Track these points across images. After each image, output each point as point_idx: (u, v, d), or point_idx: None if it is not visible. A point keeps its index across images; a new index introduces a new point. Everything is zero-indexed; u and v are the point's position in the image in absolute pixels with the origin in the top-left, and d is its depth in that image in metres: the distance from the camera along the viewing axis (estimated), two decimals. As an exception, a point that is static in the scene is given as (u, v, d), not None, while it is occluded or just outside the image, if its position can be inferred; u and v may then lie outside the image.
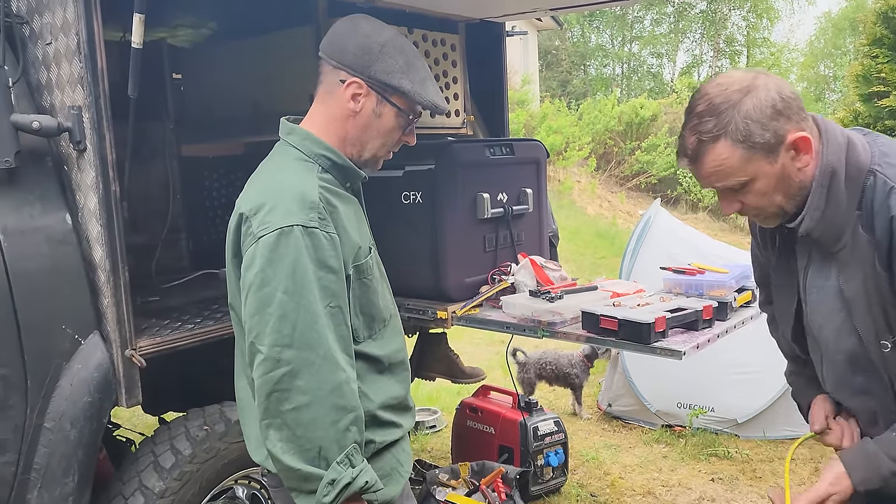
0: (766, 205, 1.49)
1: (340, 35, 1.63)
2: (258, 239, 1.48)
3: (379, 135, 1.65)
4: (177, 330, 2.23)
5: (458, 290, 2.61)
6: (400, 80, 1.61)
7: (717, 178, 1.47)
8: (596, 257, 9.82)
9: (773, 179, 1.45)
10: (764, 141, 1.42)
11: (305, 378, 1.45)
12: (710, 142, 1.44)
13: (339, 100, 1.62)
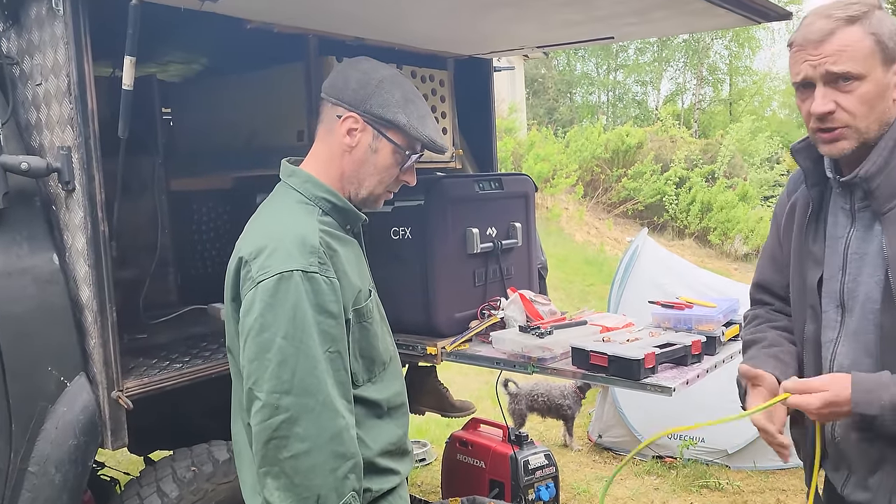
0: (862, 114, 1.48)
1: (338, 74, 1.65)
2: (257, 284, 1.47)
3: (375, 171, 1.64)
4: (164, 370, 2.20)
5: (447, 325, 2.61)
6: (395, 113, 1.60)
7: (836, 60, 1.46)
8: (584, 284, 9.83)
9: (879, 89, 1.48)
10: (889, 47, 1.47)
11: (304, 425, 1.43)
12: (846, 24, 1.47)
13: (336, 136, 1.62)
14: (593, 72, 30.59)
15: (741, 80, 30.38)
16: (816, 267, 1.65)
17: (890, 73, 1.49)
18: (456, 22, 2.57)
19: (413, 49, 2.94)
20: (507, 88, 15.61)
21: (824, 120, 1.50)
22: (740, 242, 13.74)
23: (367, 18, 2.44)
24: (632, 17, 2.48)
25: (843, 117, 1.49)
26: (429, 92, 3.02)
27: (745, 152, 17.30)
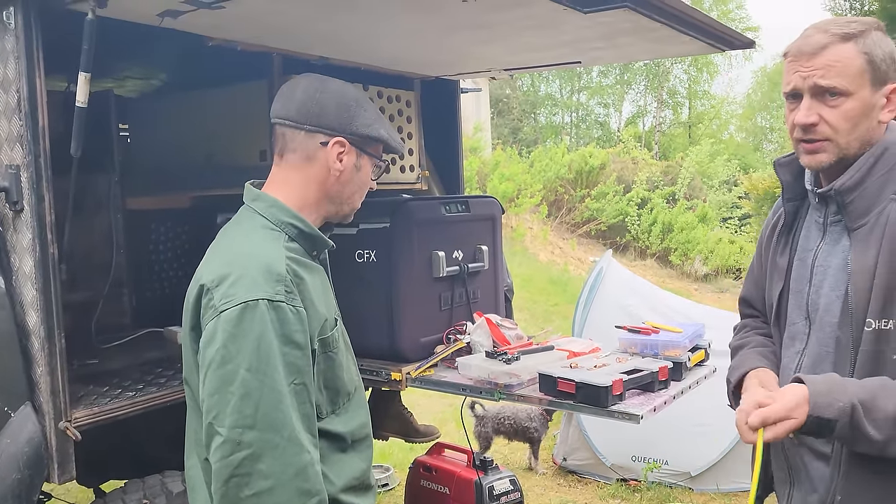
0: (844, 130, 1.50)
1: (310, 100, 1.57)
2: (220, 313, 1.41)
3: (359, 187, 1.65)
4: (116, 398, 2.11)
5: (412, 350, 2.56)
6: (378, 130, 1.61)
7: (825, 75, 1.49)
8: (549, 304, 9.86)
9: (863, 108, 1.50)
10: (880, 69, 1.50)
11: (268, 461, 1.37)
12: (841, 40, 1.49)
13: (319, 162, 1.58)
14: (557, 93, 31.02)
15: (700, 104, 31.11)
16: (780, 280, 1.69)
17: (879, 94, 1.51)
18: (423, 43, 2.55)
19: (379, 69, 2.91)
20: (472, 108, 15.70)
21: (807, 131, 1.53)
22: (700, 263, 13.95)
23: (333, 38, 2.40)
24: (599, 42, 2.48)
25: (825, 130, 1.51)
26: (395, 112, 2.99)
27: (705, 174, 17.65)
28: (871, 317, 1.46)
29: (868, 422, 1.40)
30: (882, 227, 1.48)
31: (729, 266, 13.67)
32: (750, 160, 24.68)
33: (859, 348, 1.49)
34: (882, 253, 1.47)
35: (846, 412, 1.41)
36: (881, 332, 1.46)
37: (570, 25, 2.20)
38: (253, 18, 2.11)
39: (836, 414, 1.41)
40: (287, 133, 1.59)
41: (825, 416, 1.41)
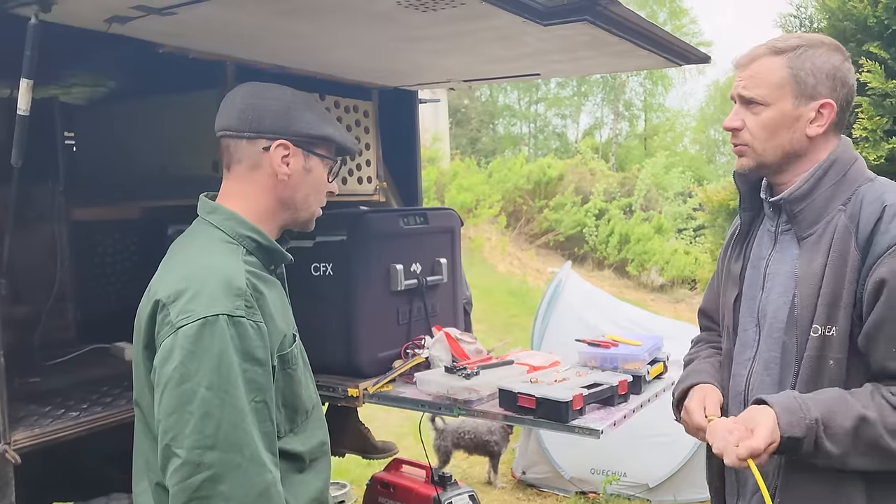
0: (761, 137, 1.58)
1: (247, 107, 1.54)
2: (178, 329, 1.34)
3: (313, 190, 1.60)
4: (59, 419, 2.02)
5: (370, 365, 2.51)
6: (322, 128, 1.57)
7: (748, 85, 1.58)
8: (507, 316, 9.87)
9: (782, 119, 1.57)
10: (807, 83, 1.55)
11: (230, 483, 1.31)
12: (771, 54, 1.57)
13: (265, 169, 1.53)
14: (515, 104, 31.28)
15: (655, 117, 31.70)
16: (734, 287, 1.73)
17: (806, 108, 1.56)
18: (381, 53, 2.51)
19: (337, 79, 2.87)
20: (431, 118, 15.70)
21: (733, 135, 1.63)
22: (656, 273, 14.15)
23: (289, 46, 2.35)
24: (558, 55, 2.48)
25: (745, 136, 1.61)
26: (352, 123, 2.94)
27: (660, 186, 17.93)
28: (817, 323, 1.51)
29: (826, 437, 1.43)
30: (830, 236, 1.53)
31: (684, 276, 13.89)
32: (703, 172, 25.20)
33: (804, 353, 1.53)
34: (829, 261, 1.51)
35: (812, 429, 1.43)
36: (826, 337, 1.50)
37: (530, 38, 2.19)
38: (206, 26, 2.05)
39: (805, 431, 1.44)
40: (231, 144, 1.55)
41: (796, 434, 1.44)
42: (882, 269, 1.45)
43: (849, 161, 1.59)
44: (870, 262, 1.47)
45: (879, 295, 1.45)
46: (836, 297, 1.49)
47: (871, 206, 1.51)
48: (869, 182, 1.57)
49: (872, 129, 3.24)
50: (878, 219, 1.48)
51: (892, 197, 1.51)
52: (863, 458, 1.44)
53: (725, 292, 1.77)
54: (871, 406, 1.44)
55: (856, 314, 1.49)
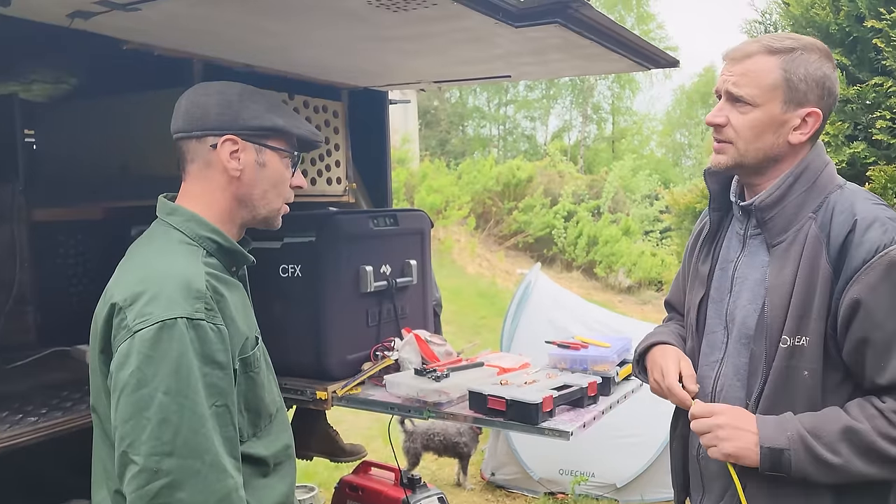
0: (746, 137, 1.55)
1: (192, 106, 1.52)
2: (134, 333, 1.31)
3: (271, 186, 1.55)
4: (17, 424, 1.95)
5: (339, 367, 2.48)
6: (271, 119, 1.52)
7: (738, 82, 1.54)
8: (477, 317, 9.88)
9: (769, 122, 1.54)
10: (797, 89, 1.52)
11: (189, 489, 1.28)
12: (766, 53, 1.53)
13: (216, 167, 1.50)
14: (485, 106, 31.34)
15: (623, 120, 32.01)
16: (700, 287, 1.73)
17: (793, 114, 1.54)
18: (351, 53, 2.49)
19: (306, 78, 2.84)
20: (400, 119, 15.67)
21: (716, 130, 1.60)
22: (623, 275, 14.28)
23: (257, 45, 2.32)
24: (529, 57, 2.48)
25: (729, 133, 1.58)
26: (322, 123, 2.91)
27: (627, 189, 18.11)
28: (787, 334, 1.50)
29: (821, 445, 1.44)
30: (800, 244, 1.52)
31: (651, 278, 14.04)
32: (670, 175, 25.50)
33: (773, 363, 1.52)
34: (800, 271, 1.50)
35: (795, 440, 1.45)
36: (795, 348, 1.50)
37: (502, 39, 2.19)
38: (171, 22, 2.01)
39: (787, 442, 1.45)
40: (182, 145, 1.52)
41: (777, 445, 1.45)
42: (857, 286, 1.45)
43: (819, 167, 1.58)
44: (845, 276, 1.46)
45: (856, 313, 1.45)
46: (806, 308, 1.49)
47: (841, 217, 1.50)
48: (839, 189, 1.57)
49: (834, 135, 3.31)
50: (849, 231, 1.47)
51: (862, 208, 1.50)
52: (866, 465, 1.43)
53: (692, 291, 1.77)
54: (861, 416, 1.44)
55: (829, 326, 1.49)
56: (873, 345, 1.44)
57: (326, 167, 2.94)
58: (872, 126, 3.23)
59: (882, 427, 1.42)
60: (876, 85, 3.21)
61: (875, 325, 1.43)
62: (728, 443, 1.51)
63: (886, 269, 1.43)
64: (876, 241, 1.44)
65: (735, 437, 1.51)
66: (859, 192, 1.57)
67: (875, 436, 1.42)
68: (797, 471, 1.46)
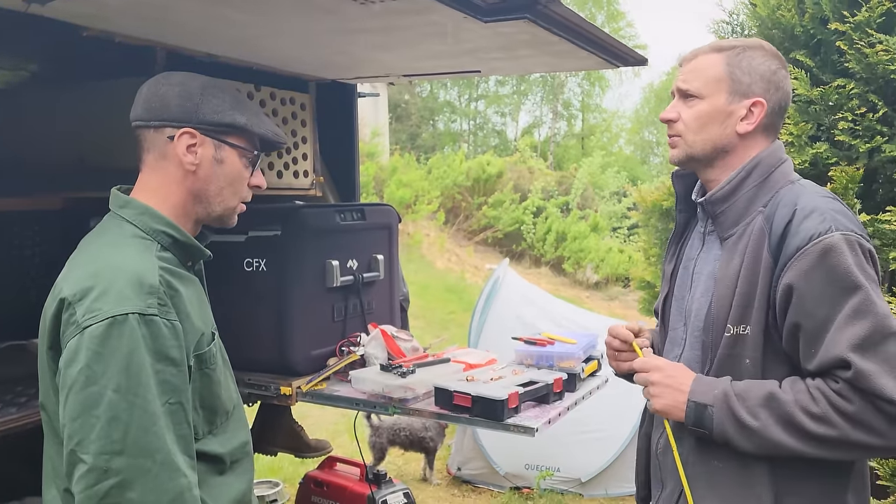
0: (692, 128, 1.63)
1: (153, 95, 1.49)
2: (83, 329, 1.28)
3: (227, 183, 1.52)
4: (-32, 420, 1.90)
5: (303, 363, 2.46)
6: (233, 115, 1.49)
7: (687, 78, 1.64)
8: (445, 312, 9.88)
9: (714, 113, 1.61)
10: (742, 81, 1.60)
11: (139, 489, 1.26)
12: (712, 51, 1.63)
13: (172, 159, 1.47)
14: (456, 100, 31.31)
15: (592, 117, 32.22)
16: (665, 286, 1.79)
17: (738, 105, 1.61)
18: (318, 45, 2.45)
19: (273, 70, 2.79)
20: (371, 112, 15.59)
21: (668, 126, 1.67)
22: (591, 271, 14.40)
23: (222, 34, 2.27)
24: (498, 53, 2.47)
25: (679, 127, 1.65)
26: (289, 115, 2.87)
27: (596, 185, 18.25)
28: (731, 323, 1.55)
29: (741, 406, 1.48)
30: (748, 237, 1.57)
31: (618, 274, 14.17)
32: (637, 172, 25.75)
33: (717, 351, 1.57)
34: (744, 262, 1.55)
35: (720, 398, 1.50)
36: (738, 336, 1.55)
37: (471, 34, 2.17)
38: (133, 10, 1.96)
39: (712, 399, 1.51)
40: (140, 134, 1.49)
41: (702, 400, 1.52)
42: (790, 272, 1.49)
43: (774, 164, 1.63)
44: (781, 263, 1.51)
45: (790, 299, 1.49)
46: (749, 298, 1.53)
47: (784, 209, 1.54)
48: (790, 184, 1.61)
49: (798, 135, 3.36)
50: (788, 221, 1.51)
51: (805, 200, 1.54)
52: (782, 434, 1.46)
53: (661, 292, 1.82)
54: (788, 389, 1.49)
55: (771, 315, 1.53)
56: (804, 332, 1.48)
57: (293, 160, 2.90)
58: (835, 127, 3.28)
59: (803, 401, 1.46)
60: (839, 87, 3.26)
61: (805, 312, 1.47)
62: (659, 399, 1.59)
63: (819, 256, 1.46)
64: (812, 229, 1.48)
65: (666, 394, 1.58)
66: (809, 187, 1.61)
67: (794, 407, 1.45)
68: (718, 429, 1.51)
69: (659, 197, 4.60)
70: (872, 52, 3.11)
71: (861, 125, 3.20)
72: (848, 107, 3.24)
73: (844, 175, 3.11)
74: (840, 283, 1.45)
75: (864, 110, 3.19)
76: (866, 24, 3.17)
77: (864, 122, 3.19)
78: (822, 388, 1.45)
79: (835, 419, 1.43)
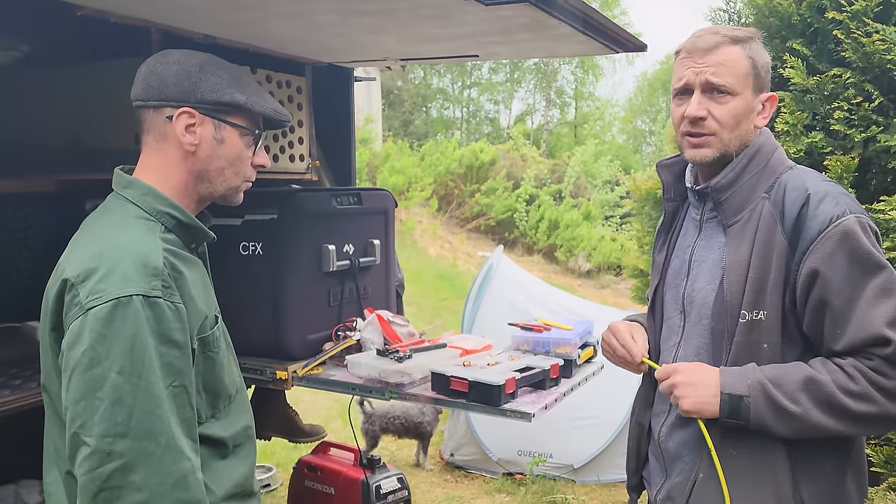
0: (729, 126, 1.58)
1: (151, 74, 1.46)
2: (87, 311, 1.27)
3: (229, 163, 1.49)
4: (-38, 402, 1.89)
5: (299, 347, 2.45)
6: (232, 94, 1.46)
7: (716, 72, 1.57)
8: (437, 299, 9.88)
9: (746, 109, 1.59)
10: (761, 76, 1.60)
11: (142, 472, 1.25)
12: (731, 42, 1.58)
13: (171, 139, 1.45)
14: (449, 87, 31.21)
15: (585, 105, 32.19)
16: (656, 275, 1.78)
17: (757, 100, 1.61)
18: (315, 27, 2.43)
19: (269, 52, 2.77)
20: (364, 99, 15.52)
21: (695, 124, 1.60)
22: (583, 259, 14.43)
23: (217, 15, 2.25)
24: (497, 37, 2.46)
25: (712, 125, 1.59)
26: (285, 99, 2.85)
27: (589, 174, 18.26)
28: (745, 308, 1.55)
29: (780, 393, 1.48)
30: (755, 223, 1.57)
31: (610, 263, 14.21)
32: (630, 161, 25.79)
33: (734, 338, 1.57)
34: (755, 248, 1.55)
35: (755, 387, 1.49)
36: (754, 322, 1.55)
37: (470, 17, 2.16)
38: (129, -12, 1.94)
39: (747, 389, 1.50)
40: (140, 114, 1.47)
41: (736, 392, 1.51)
42: (814, 256, 1.50)
43: (770, 150, 1.64)
44: (801, 248, 1.52)
45: (814, 283, 1.50)
46: (762, 282, 1.54)
47: (794, 193, 1.55)
48: (789, 170, 1.63)
49: (793, 124, 3.36)
50: (802, 204, 1.53)
51: (814, 184, 1.57)
52: (824, 416, 1.47)
53: (651, 281, 1.82)
54: (822, 369, 1.50)
55: (788, 299, 1.54)
56: (830, 313, 1.49)
57: (289, 144, 2.88)
58: (830, 116, 3.28)
59: (842, 381, 1.47)
60: (835, 76, 3.26)
61: (832, 293, 1.48)
62: (686, 399, 1.57)
63: (840, 238, 1.48)
64: (829, 212, 1.50)
65: (692, 393, 1.56)
66: (809, 171, 1.64)
67: (834, 388, 1.46)
68: (755, 418, 1.51)
69: (653, 185, 4.61)
70: (869, 42, 3.11)
71: (857, 115, 3.21)
72: (844, 96, 3.25)
73: (839, 164, 3.12)
74: (863, 263, 1.48)
75: (860, 100, 3.20)
76: (863, 13, 3.17)
77: (859, 111, 3.19)
78: (857, 366, 1.47)
79: (875, 395, 1.45)
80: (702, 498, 1.60)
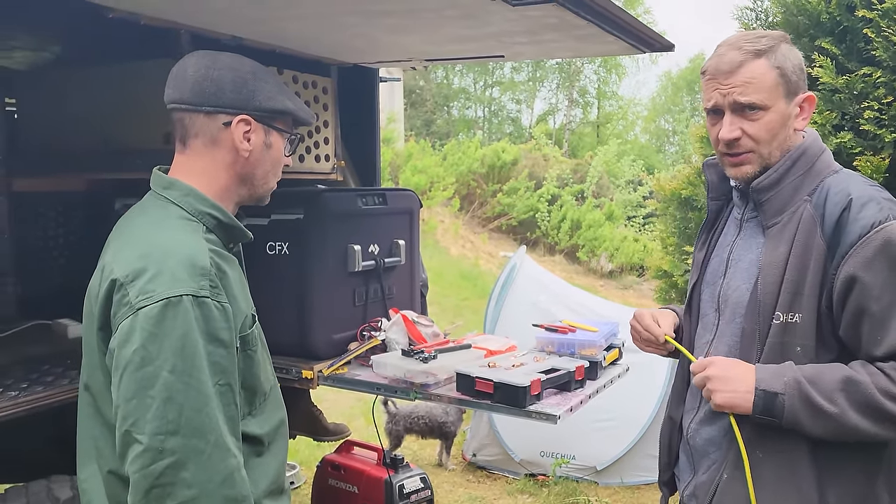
0: (765, 140, 1.57)
1: (204, 79, 1.46)
2: (138, 311, 1.29)
3: (272, 166, 1.55)
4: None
5: (325, 347, 2.47)
6: (283, 102, 1.52)
7: (743, 91, 1.55)
8: (459, 299, 9.88)
9: (781, 119, 1.57)
10: (791, 81, 1.57)
11: (193, 469, 1.27)
12: (754, 57, 1.55)
13: (225, 145, 1.47)
14: (470, 87, 31.18)
15: (608, 105, 31.99)
16: (695, 272, 1.79)
17: (792, 104, 1.59)
18: (341, 28, 2.45)
19: (295, 52, 2.79)
20: (387, 98, 15.56)
21: (731, 146, 1.60)
22: (606, 260, 14.34)
23: (244, 16, 2.26)
24: (523, 37, 2.45)
25: (748, 143, 1.59)
26: (311, 99, 2.87)
27: (611, 174, 18.14)
28: (780, 310, 1.54)
29: (816, 392, 1.47)
30: (795, 225, 1.56)
31: (633, 263, 14.11)
32: (653, 161, 25.59)
33: (766, 339, 1.56)
34: (793, 250, 1.54)
35: (791, 385, 1.48)
36: (788, 324, 1.53)
37: (496, 17, 2.16)
38: (160, -10, 1.96)
39: (783, 387, 1.49)
40: (185, 118, 1.47)
41: (771, 389, 1.49)
42: (852, 261, 1.48)
43: (816, 152, 1.62)
44: (840, 252, 1.50)
45: (852, 288, 1.48)
46: (799, 285, 1.52)
47: (836, 197, 1.54)
48: (834, 173, 1.61)
49: (822, 124, 3.31)
50: (844, 208, 1.51)
51: (857, 188, 1.54)
52: (860, 418, 1.46)
53: (690, 279, 1.82)
54: (862, 371, 1.48)
55: (824, 303, 1.52)
56: (869, 319, 1.47)
57: (315, 144, 2.90)
58: (860, 116, 3.23)
59: (882, 383, 1.45)
60: (864, 75, 3.21)
61: (871, 299, 1.47)
62: (720, 393, 1.55)
63: (882, 244, 1.46)
64: (871, 217, 1.48)
65: (725, 387, 1.55)
66: (855, 176, 1.61)
67: (874, 389, 1.45)
68: (789, 416, 1.49)
69: (678, 185, 4.56)
70: (901, 40, 3.05)
71: (887, 114, 3.15)
72: (874, 95, 3.19)
73: (869, 165, 3.07)
74: None
75: (890, 99, 3.14)
76: (894, 11, 3.12)
77: (890, 111, 3.14)
78: None
79: None
80: (725, 497, 1.59)
